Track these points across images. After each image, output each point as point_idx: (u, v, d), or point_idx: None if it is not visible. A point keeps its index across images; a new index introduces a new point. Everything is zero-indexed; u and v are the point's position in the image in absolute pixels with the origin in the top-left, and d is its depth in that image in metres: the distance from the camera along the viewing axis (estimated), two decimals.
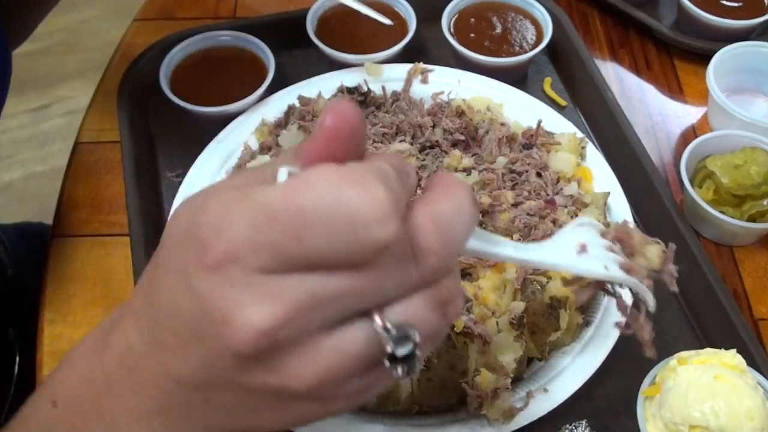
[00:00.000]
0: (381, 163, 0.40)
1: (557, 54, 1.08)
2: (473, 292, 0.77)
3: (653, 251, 0.60)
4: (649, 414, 0.71)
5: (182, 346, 0.42)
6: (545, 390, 0.75)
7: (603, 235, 0.58)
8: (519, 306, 0.75)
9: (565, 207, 0.83)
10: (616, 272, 0.56)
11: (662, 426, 0.70)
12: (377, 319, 0.40)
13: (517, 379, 0.76)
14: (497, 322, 0.75)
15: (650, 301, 0.59)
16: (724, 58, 0.99)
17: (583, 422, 0.71)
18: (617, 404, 0.77)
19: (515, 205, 0.84)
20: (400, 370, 0.41)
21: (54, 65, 2.76)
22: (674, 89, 1.07)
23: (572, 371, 0.76)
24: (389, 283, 0.40)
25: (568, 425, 0.71)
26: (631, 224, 0.59)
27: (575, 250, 0.55)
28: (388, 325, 0.40)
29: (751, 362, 0.74)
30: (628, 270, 0.57)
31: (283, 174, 0.40)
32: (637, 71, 1.09)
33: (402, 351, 0.40)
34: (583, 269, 0.54)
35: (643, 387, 0.72)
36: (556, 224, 0.81)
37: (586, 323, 0.80)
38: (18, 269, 1.14)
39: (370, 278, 0.39)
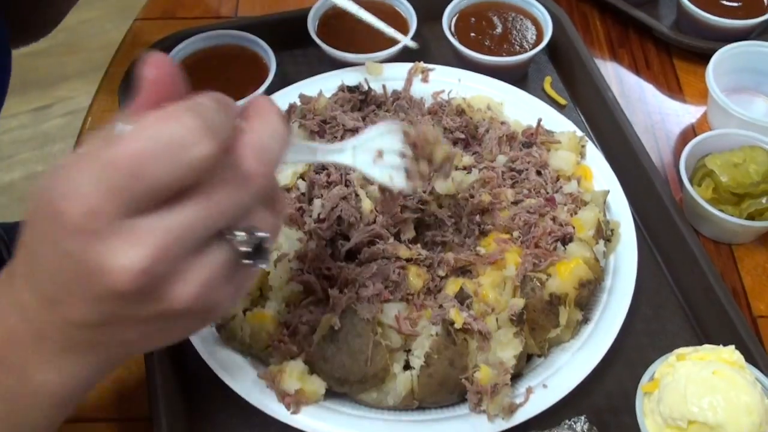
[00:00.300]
0: (197, 98, 0.48)
1: (557, 53, 1.08)
2: (473, 289, 0.77)
3: (439, 154, 0.71)
4: (647, 410, 0.71)
5: (73, 297, 0.49)
6: (545, 386, 0.76)
7: (405, 136, 0.69)
8: (519, 303, 0.75)
9: (565, 205, 0.83)
10: (399, 183, 0.68)
11: (661, 421, 0.70)
12: (229, 233, 0.50)
13: (517, 376, 0.77)
14: (497, 319, 0.76)
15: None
16: (723, 57, 1.00)
17: (582, 417, 0.72)
18: (617, 400, 0.78)
19: (515, 203, 0.84)
20: (258, 262, 0.52)
21: (55, 65, 2.76)
22: (674, 88, 1.07)
23: (572, 367, 0.77)
24: (228, 207, 0.49)
25: (567, 420, 0.71)
26: (431, 131, 0.71)
27: (373, 156, 0.66)
28: (236, 233, 0.50)
29: (750, 359, 0.74)
30: (410, 177, 0.69)
31: (119, 128, 0.47)
32: (637, 71, 1.10)
33: (251, 246, 0.50)
34: (371, 175, 0.67)
35: (642, 383, 0.72)
36: (556, 222, 0.82)
37: (586, 320, 0.80)
38: None
39: (210, 205, 0.48)
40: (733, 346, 0.72)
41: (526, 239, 0.81)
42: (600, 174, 0.90)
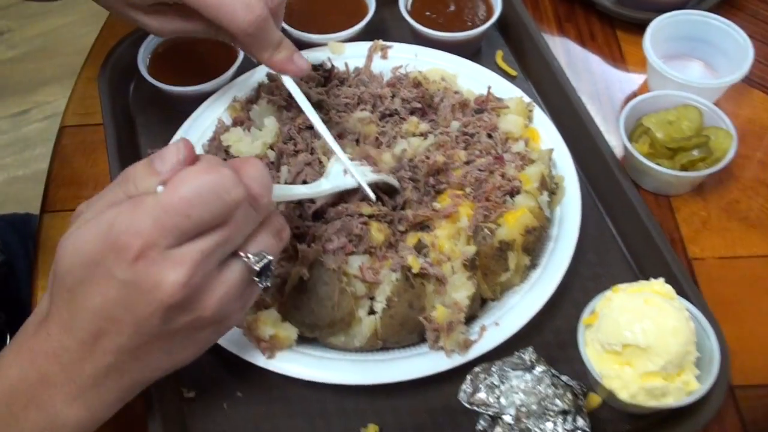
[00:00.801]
0: (212, 156, 0.66)
1: (508, 29, 1.16)
2: (430, 241, 0.85)
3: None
4: (588, 339, 0.79)
5: (120, 324, 0.61)
6: (497, 324, 0.83)
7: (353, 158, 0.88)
8: (471, 249, 0.82)
9: (513, 162, 0.91)
10: (372, 177, 0.87)
11: (600, 348, 0.78)
12: (242, 254, 0.64)
13: (472, 317, 0.84)
14: (452, 267, 0.83)
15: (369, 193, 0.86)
16: (660, 26, 1.08)
17: (530, 348, 0.79)
18: (564, 336, 0.85)
19: (468, 162, 0.92)
20: (264, 281, 0.67)
21: (32, 71, 2.81)
22: (617, 58, 1.15)
23: (522, 307, 0.84)
24: (244, 227, 0.64)
25: (516, 352, 0.78)
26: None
27: (343, 174, 0.86)
28: (250, 255, 0.65)
29: (682, 293, 0.82)
30: (377, 172, 0.88)
31: (159, 187, 0.61)
32: (583, 43, 1.17)
33: (261, 267, 0.65)
34: (354, 183, 0.85)
35: (583, 317, 0.80)
36: (505, 177, 0.89)
37: (534, 265, 0.88)
38: (7, 256, 1.20)
39: (232, 228, 0.62)
40: (662, 279, 0.80)
41: (477, 194, 0.88)
42: (547, 136, 0.98)
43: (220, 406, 0.83)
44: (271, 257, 0.66)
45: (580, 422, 0.76)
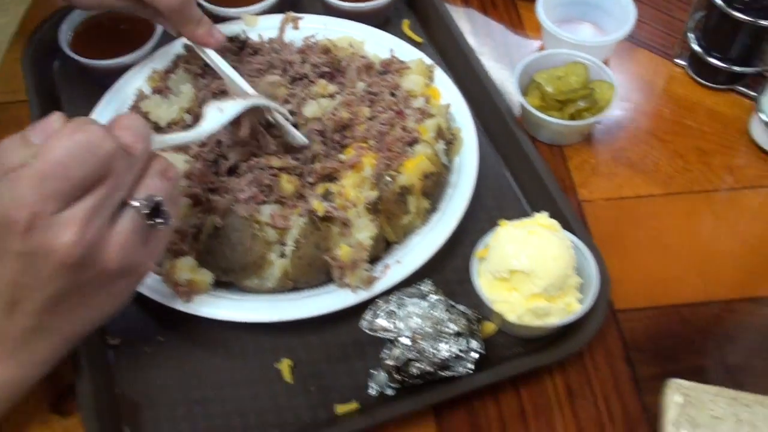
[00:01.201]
0: (83, 117, 0.68)
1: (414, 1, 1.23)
2: (337, 190, 0.91)
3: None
4: (481, 271, 0.87)
5: (29, 290, 0.66)
6: (399, 262, 0.90)
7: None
8: (373, 194, 0.89)
9: (413, 116, 0.98)
10: (263, 102, 0.92)
11: (490, 277, 0.85)
12: (130, 202, 0.68)
13: (377, 258, 0.91)
14: (357, 212, 0.90)
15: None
16: None
17: (428, 280, 0.86)
18: (462, 274, 0.92)
19: (371, 118, 0.98)
20: (161, 223, 0.70)
21: None
22: (516, 24, 1.24)
23: (422, 247, 0.91)
24: (125, 177, 0.67)
25: (415, 283, 0.86)
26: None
27: (218, 113, 0.85)
28: (138, 201, 0.68)
29: (569, 228, 0.90)
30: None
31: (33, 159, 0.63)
32: (485, 11, 1.25)
33: (151, 209, 0.68)
34: (229, 117, 0.86)
35: (476, 250, 0.88)
36: (405, 130, 0.96)
37: (435, 209, 0.95)
38: None
39: (113, 180, 0.65)
40: (546, 213, 0.88)
41: (380, 146, 0.95)
42: (447, 94, 1.05)
43: (143, 351, 0.89)
44: (160, 198, 0.69)
45: (474, 344, 0.83)
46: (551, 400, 0.87)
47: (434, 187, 0.94)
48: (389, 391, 0.84)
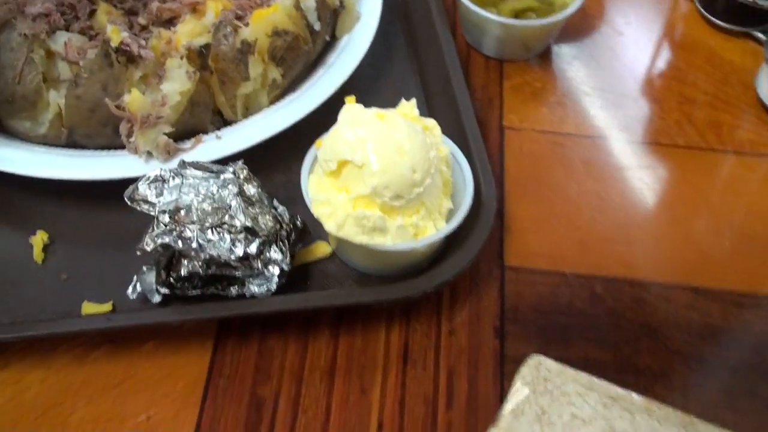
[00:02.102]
0: None
1: None
2: (167, 37, 0.69)
3: None
4: (316, 168, 0.63)
5: None
6: (219, 138, 0.67)
7: None
8: (201, 40, 0.67)
9: None
10: None
11: (321, 172, 0.61)
12: None
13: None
14: (178, 62, 0.67)
15: None
16: None
17: (240, 162, 0.63)
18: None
19: None
20: None
21: None
22: None
23: (256, 127, 0.68)
24: None
25: (231, 163, 0.62)
26: None
27: None
28: None
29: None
30: None
31: None
32: None
33: None
34: None
35: (319, 139, 0.64)
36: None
37: (292, 89, 0.72)
38: None
39: None
40: (414, 100, 0.64)
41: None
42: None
43: None
44: None
45: (275, 255, 0.60)
46: (376, 360, 0.62)
47: (289, 52, 0.70)
48: (157, 298, 0.61)
